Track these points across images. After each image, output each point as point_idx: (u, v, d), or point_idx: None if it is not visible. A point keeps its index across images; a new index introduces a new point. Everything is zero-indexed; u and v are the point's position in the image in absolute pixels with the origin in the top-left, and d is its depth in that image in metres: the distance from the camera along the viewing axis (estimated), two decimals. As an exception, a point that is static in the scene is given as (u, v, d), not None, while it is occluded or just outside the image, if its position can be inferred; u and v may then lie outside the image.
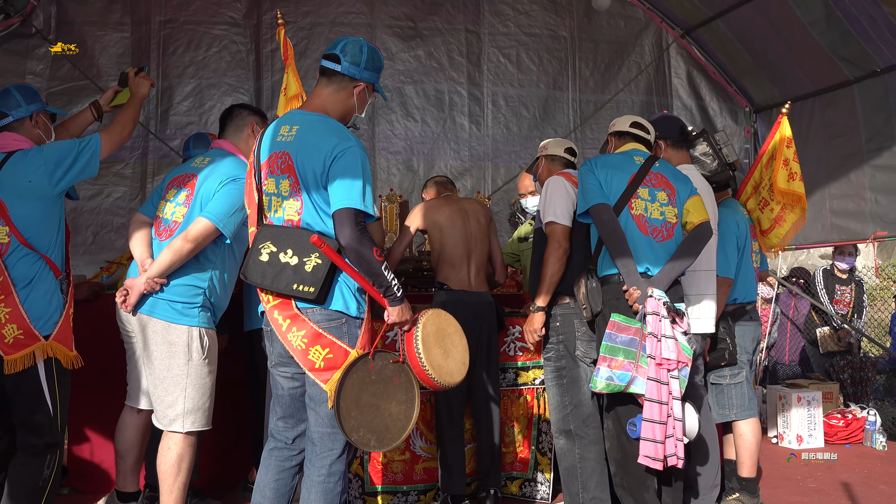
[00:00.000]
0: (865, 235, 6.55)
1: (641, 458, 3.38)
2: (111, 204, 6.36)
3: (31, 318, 3.30)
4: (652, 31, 7.51)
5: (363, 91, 3.03)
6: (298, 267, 2.80)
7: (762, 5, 6.42)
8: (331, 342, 2.83)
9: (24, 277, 3.32)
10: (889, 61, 6.00)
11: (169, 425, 3.47)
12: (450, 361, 3.08)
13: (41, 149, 3.44)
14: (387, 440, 2.92)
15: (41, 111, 3.61)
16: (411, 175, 7.05)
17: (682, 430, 3.45)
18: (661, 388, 3.39)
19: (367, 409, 2.86)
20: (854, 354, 7.01)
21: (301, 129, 2.91)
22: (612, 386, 3.42)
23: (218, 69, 6.80)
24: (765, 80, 7.23)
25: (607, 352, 3.43)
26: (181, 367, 3.44)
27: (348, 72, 2.97)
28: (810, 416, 6.09)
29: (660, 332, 3.40)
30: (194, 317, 3.46)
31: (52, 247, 3.42)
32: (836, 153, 6.70)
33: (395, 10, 7.12)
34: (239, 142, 3.70)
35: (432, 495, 4.32)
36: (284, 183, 2.89)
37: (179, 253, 3.36)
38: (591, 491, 3.75)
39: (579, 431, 3.80)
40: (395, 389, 2.95)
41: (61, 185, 3.41)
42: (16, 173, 3.36)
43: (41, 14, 6.45)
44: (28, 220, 3.36)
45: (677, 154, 4.12)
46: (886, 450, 5.95)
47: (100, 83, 6.50)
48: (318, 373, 2.83)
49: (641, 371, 3.42)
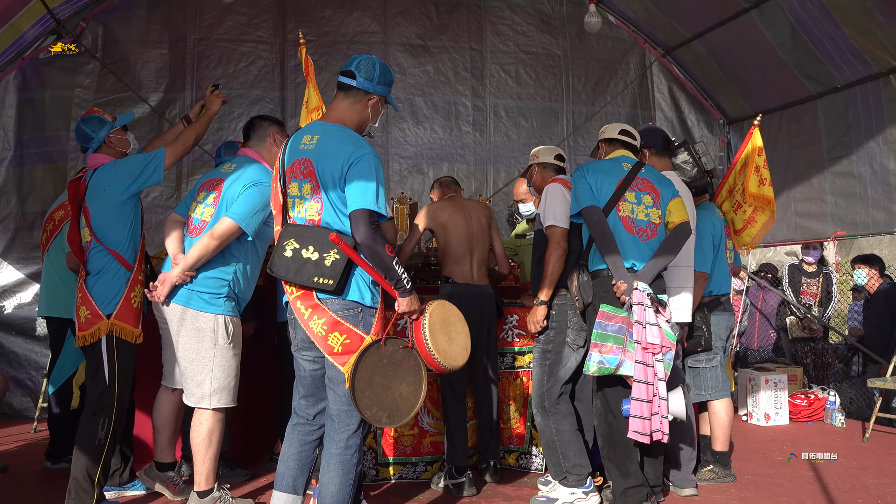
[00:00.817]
0: (826, 235, 6.55)
1: (631, 432, 3.39)
2: (150, 202, 6.34)
3: (97, 301, 3.49)
4: (636, 50, 7.50)
5: (376, 103, 3.02)
6: (319, 262, 2.80)
7: (735, 28, 6.41)
8: (348, 329, 2.84)
9: (96, 268, 3.53)
10: (849, 78, 5.99)
11: (198, 403, 3.49)
12: (454, 347, 3.09)
13: (115, 163, 3.64)
14: (397, 417, 2.93)
15: (111, 132, 3.75)
16: (421, 178, 7.04)
17: (667, 408, 3.45)
18: (647, 371, 3.40)
19: (379, 390, 2.86)
20: (817, 341, 7.00)
21: (321, 138, 2.91)
22: (602, 369, 3.42)
23: (246, 82, 6.80)
24: (737, 96, 7.21)
25: (598, 339, 3.43)
26: (208, 351, 3.46)
27: (363, 86, 2.96)
28: (777, 396, 6.09)
29: (645, 320, 3.41)
30: (220, 306, 3.49)
31: (124, 243, 3.56)
32: (800, 161, 6.69)
33: (407, 29, 7.10)
34: (262, 150, 3.71)
35: (438, 466, 4.32)
36: (306, 186, 2.89)
37: (206, 249, 3.40)
38: (572, 459, 3.76)
39: (552, 408, 3.81)
40: (405, 372, 2.95)
41: (129, 192, 3.57)
42: (97, 184, 3.58)
43: (89, 34, 6.45)
44: (101, 221, 3.56)
45: (660, 161, 4.11)
46: (845, 426, 5.95)
47: (141, 94, 6.52)
48: (337, 356, 2.84)
49: (629, 355, 3.42)
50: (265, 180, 3.44)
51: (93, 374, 3.53)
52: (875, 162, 5.92)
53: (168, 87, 6.64)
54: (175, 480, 3.85)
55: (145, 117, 6.53)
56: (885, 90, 5.76)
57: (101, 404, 3.48)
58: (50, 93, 6.35)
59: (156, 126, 6.47)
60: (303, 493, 3.03)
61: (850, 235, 6.44)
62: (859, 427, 5.85)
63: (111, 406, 3.49)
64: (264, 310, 4.46)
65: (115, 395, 3.49)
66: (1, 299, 6.19)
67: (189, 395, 3.53)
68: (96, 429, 3.45)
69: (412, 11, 7.12)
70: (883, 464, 4.75)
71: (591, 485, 3.76)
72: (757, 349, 7.40)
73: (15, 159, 6.24)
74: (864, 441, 5.41)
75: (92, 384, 3.53)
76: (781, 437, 5.58)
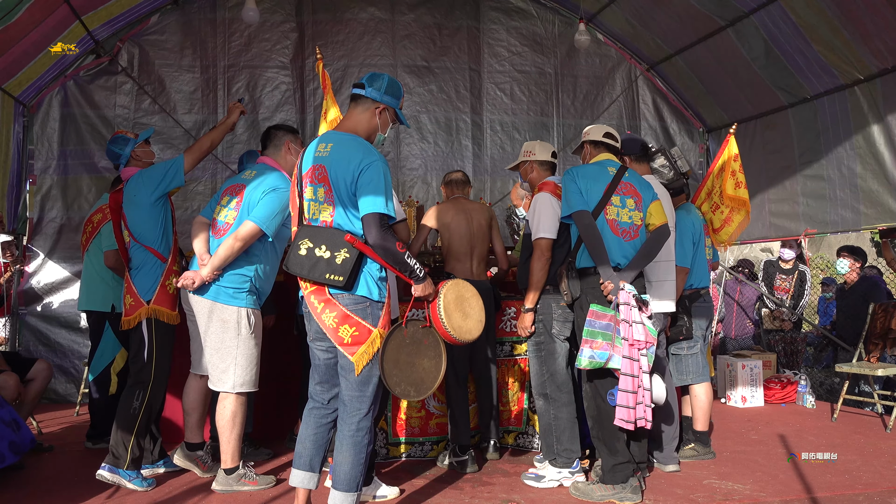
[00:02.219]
0: (798, 232, 6.51)
1: (617, 420, 3.37)
2: (189, 215, 6.27)
3: (138, 290, 3.62)
4: (623, 66, 7.45)
5: (384, 112, 2.98)
6: (331, 260, 2.77)
7: (713, 45, 6.38)
8: (357, 322, 2.82)
9: (136, 263, 3.66)
10: (818, 90, 5.94)
11: (223, 388, 3.49)
12: (468, 321, 3.07)
13: (142, 172, 3.75)
14: (423, 390, 2.94)
15: (135, 147, 3.88)
16: (426, 187, 7.04)
17: (650, 398, 3.43)
18: (633, 364, 3.37)
19: (405, 367, 2.88)
20: (785, 332, 6.94)
21: (335, 146, 2.88)
22: (593, 363, 3.40)
23: (270, 105, 6.79)
24: (715, 106, 7.17)
25: (588, 335, 3.40)
26: (232, 340, 3.46)
27: (371, 94, 2.93)
28: (753, 380, 6.03)
29: (631, 318, 3.39)
30: (242, 300, 3.49)
31: (157, 240, 3.65)
32: (774, 165, 6.65)
33: (413, 52, 7.09)
34: (278, 157, 3.70)
35: (443, 445, 4.29)
36: (321, 191, 2.86)
37: (231, 249, 3.41)
38: (564, 444, 3.73)
39: (554, 395, 3.77)
40: (426, 348, 2.96)
41: (156, 195, 3.65)
42: (129, 192, 3.71)
43: (125, 54, 6.45)
44: (136, 223, 3.66)
45: (639, 167, 4.07)
46: (815, 408, 5.89)
47: (174, 116, 6.52)
48: (347, 347, 2.82)
49: (617, 350, 3.40)
50: (283, 186, 3.46)
51: (135, 353, 3.65)
52: (843, 166, 5.88)
53: (200, 108, 6.63)
54: (204, 459, 3.83)
55: (180, 137, 6.53)
56: (850, 100, 5.71)
57: (139, 378, 3.62)
58: (91, 110, 6.36)
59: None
60: (319, 471, 3.00)
61: (821, 233, 6.39)
62: (828, 408, 5.79)
63: (148, 381, 3.61)
64: (285, 302, 4.43)
65: (153, 371, 3.61)
66: (48, 295, 6.22)
67: (215, 381, 3.52)
68: (132, 399, 3.59)
69: (417, 35, 7.11)
70: (849, 442, 4.70)
71: (578, 466, 3.74)
72: (734, 338, 7.34)
73: (59, 168, 6.27)
74: (832, 421, 5.35)
75: (133, 362, 3.67)
76: (757, 417, 5.52)
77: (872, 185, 5.63)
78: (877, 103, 5.49)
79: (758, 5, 5.64)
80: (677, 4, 6.22)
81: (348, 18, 6.97)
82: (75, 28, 5.58)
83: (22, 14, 4.68)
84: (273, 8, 6.76)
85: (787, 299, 6.96)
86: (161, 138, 6.44)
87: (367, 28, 7.00)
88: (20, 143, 6.06)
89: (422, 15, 7.10)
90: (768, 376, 6.31)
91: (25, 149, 6.12)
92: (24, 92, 5.89)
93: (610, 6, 6.85)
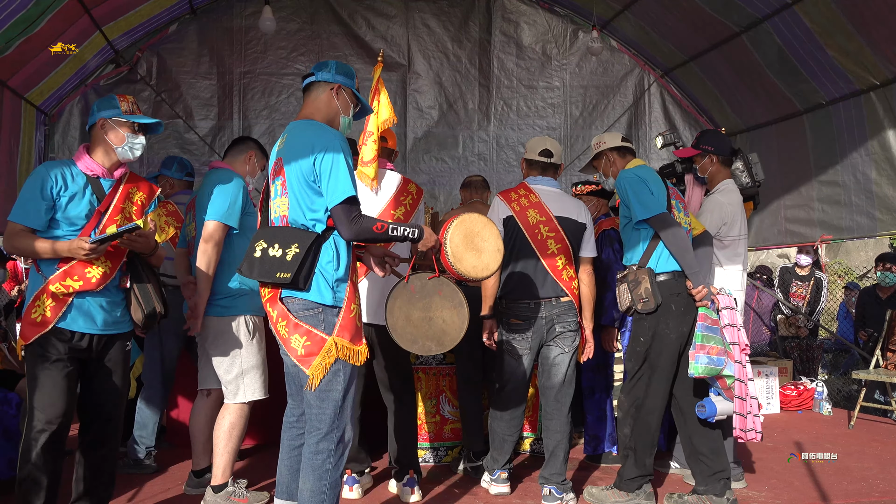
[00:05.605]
0: (814, 238, 6.47)
1: (737, 431, 3.29)
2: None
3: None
4: (635, 73, 7.43)
5: (341, 91, 2.81)
6: (282, 258, 2.57)
7: (727, 50, 6.37)
8: (307, 330, 2.59)
9: None
10: (832, 95, 5.92)
11: (233, 399, 3.40)
12: (483, 257, 2.86)
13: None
14: (447, 342, 2.82)
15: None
16: (433, 201, 7.03)
17: (757, 408, 3.33)
18: (742, 370, 3.33)
19: (420, 323, 2.79)
20: (801, 338, 6.90)
21: (288, 136, 2.73)
22: (711, 369, 3.21)
23: (287, 112, 6.81)
24: (729, 112, 7.15)
25: (703, 340, 3.23)
26: (235, 351, 3.39)
27: (322, 78, 2.80)
28: (769, 386, 6.01)
29: (736, 322, 3.33)
30: (237, 307, 3.40)
31: None
32: (789, 171, 6.61)
33: (425, 66, 7.08)
34: (234, 163, 3.61)
35: (458, 450, 4.32)
36: (278, 185, 2.72)
37: (206, 255, 3.29)
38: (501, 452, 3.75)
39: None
40: (442, 299, 2.82)
41: None
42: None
43: (144, 63, 6.55)
44: None
45: (723, 170, 3.89)
46: (832, 415, 5.86)
47: (190, 123, 6.60)
48: (301, 359, 2.61)
49: (730, 356, 3.28)
50: (227, 179, 3.38)
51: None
52: (858, 171, 5.85)
53: (217, 115, 6.71)
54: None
55: (196, 143, 6.62)
56: (866, 106, 5.69)
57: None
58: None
59: (206, 152, 6.56)
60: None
61: (836, 239, 6.35)
62: (845, 415, 5.76)
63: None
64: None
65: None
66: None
67: (229, 395, 3.42)
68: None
69: (429, 49, 7.11)
70: (866, 449, 4.67)
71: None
72: (750, 344, 7.31)
73: (82, 175, 6.33)
74: (849, 428, 5.32)
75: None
76: (773, 424, 5.50)
77: (888, 191, 5.61)
78: (892, 109, 5.47)
79: (772, 11, 5.64)
80: (691, 11, 6.23)
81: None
82: (96, 38, 5.68)
83: (43, 25, 4.77)
84: (289, 17, 6.83)
85: (803, 306, 6.93)
86: (177, 143, 6.54)
87: (383, 37, 6.97)
88: (41, 151, 6.17)
89: (434, 28, 7.11)
90: (784, 382, 6.28)
91: (47, 157, 6.22)
92: (45, 101, 5.99)
93: (623, 13, 6.87)
